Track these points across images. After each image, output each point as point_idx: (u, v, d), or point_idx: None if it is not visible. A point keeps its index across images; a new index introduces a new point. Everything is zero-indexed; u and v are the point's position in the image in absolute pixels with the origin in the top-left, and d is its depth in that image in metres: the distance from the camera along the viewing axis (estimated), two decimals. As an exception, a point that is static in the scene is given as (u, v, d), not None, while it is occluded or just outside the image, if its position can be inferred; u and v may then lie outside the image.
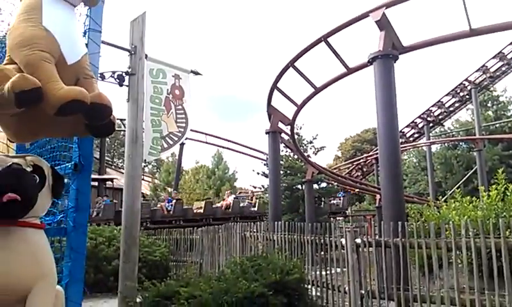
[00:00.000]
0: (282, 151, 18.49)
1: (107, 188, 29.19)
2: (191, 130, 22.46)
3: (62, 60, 2.43)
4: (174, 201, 17.63)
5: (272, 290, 4.23)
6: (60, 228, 2.76)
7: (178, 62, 6.54)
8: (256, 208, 18.10)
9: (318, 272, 6.39)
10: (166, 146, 6.12)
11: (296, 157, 17.33)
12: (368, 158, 26.30)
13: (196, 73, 6.66)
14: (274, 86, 10.71)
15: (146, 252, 10.34)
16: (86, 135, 2.57)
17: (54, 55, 2.38)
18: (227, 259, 8.77)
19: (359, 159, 28.68)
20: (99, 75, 5.93)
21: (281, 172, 18.61)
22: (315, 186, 18.43)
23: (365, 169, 28.12)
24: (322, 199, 18.42)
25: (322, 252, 6.43)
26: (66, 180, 2.61)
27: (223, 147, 24.15)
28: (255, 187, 20.08)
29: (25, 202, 2.15)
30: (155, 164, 50.24)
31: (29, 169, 2.32)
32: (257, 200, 18.94)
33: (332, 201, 20.00)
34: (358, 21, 7.97)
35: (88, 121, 2.38)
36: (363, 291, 5.54)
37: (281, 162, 18.47)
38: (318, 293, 6.35)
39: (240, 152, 23.02)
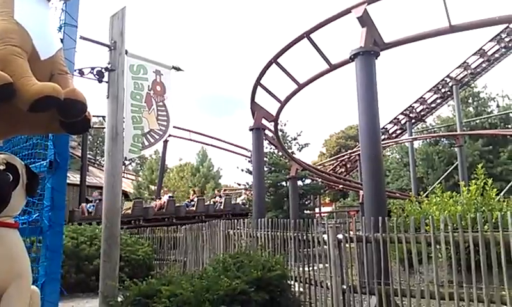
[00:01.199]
0: (266, 148, 18.52)
1: (89, 186, 28.81)
2: (175, 127, 22.36)
3: (35, 55, 2.37)
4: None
5: (254, 286, 4.23)
6: (36, 227, 2.70)
7: (160, 59, 6.46)
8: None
9: (301, 268, 6.42)
10: (147, 143, 6.04)
11: (280, 153, 17.35)
12: (352, 154, 26.52)
13: (178, 69, 6.59)
14: (258, 83, 10.68)
15: (128, 251, 10.25)
16: (60, 132, 2.51)
17: (27, 50, 2.32)
18: (211, 257, 8.75)
19: (343, 155, 28.92)
20: (77, 71, 5.83)
21: (266, 169, 18.65)
22: (300, 183, 18.51)
23: (348, 166, 28.36)
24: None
25: (306, 249, 6.47)
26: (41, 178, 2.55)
27: (207, 144, 24.01)
28: (239, 185, 20.04)
29: (-1, 201, 2.11)
30: (139, 161, 49.77)
31: (1, 168, 2.26)
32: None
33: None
34: (340, 17, 7.99)
35: (62, 118, 2.33)
36: (344, 286, 5.58)
37: (265, 159, 18.52)
38: (301, 289, 6.39)
39: (224, 149, 22.92)
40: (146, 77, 6.17)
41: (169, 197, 17.72)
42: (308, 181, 19.48)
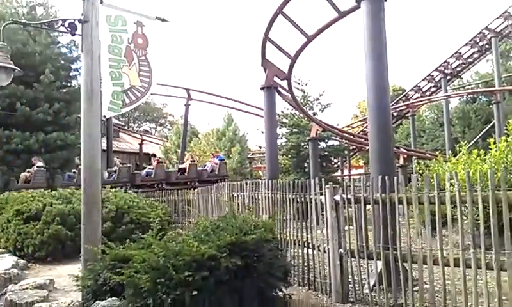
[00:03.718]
0: (288, 109, 17.89)
1: (118, 151, 29.34)
2: (195, 90, 22.05)
3: None
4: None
5: (226, 251, 3.82)
6: None
7: (143, 9, 5.94)
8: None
9: (299, 231, 5.99)
10: (128, 101, 5.63)
11: (301, 115, 16.67)
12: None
13: (163, 20, 6.05)
14: (266, 37, 9.99)
15: (139, 214, 10.13)
16: None
17: None
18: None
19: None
20: (47, 24, 5.45)
21: (287, 130, 18.10)
22: (323, 144, 17.85)
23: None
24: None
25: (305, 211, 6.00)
26: None
27: (228, 107, 23.61)
28: (260, 147, 19.58)
29: None
30: (170, 127, 50.32)
31: None
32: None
33: (204, 167, 17.81)
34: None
35: None
36: (342, 250, 5.10)
37: (285, 120, 17.91)
38: (300, 253, 5.98)
39: (246, 112, 22.42)
40: (125, 29, 5.69)
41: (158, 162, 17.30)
42: (332, 142, 18.76)
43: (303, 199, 5.90)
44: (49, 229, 8.74)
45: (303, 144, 16.85)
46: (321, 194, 5.50)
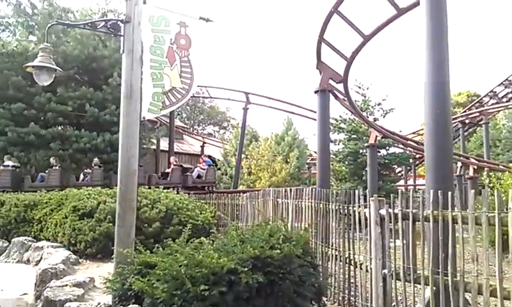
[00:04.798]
0: (347, 114, 17.20)
1: (181, 153, 30.21)
2: (253, 93, 22.02)
3: None
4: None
5: (249, 266, 3.52)
6: None
7: (187, 10, 5.85)
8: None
9: (341, 246, 5.53)
10: (168, 103, 5.55)
11: (357, 120, 15.92)
12: (453, 121, 23.53)
13: (207, 20, 5.92)
14: (321, 38, 9.57)
15: (188, 215, 10.15)
16: None
17: None
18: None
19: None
20: (90, 24, 5.52)
21: (345, 136, 17.40)
22: (384, 152, 16.93)
23: (448, 134, 25.20)
24: None
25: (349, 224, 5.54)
26: None
27: (287, 111, 23.30)
28: (315, 153, 19.03)
29: None
30: (231, 130, 51.04)
31: None
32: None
33: (192, 172, 17.10)
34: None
35: None
36: (386, 271, 4.58)
37: (344, 125, 17.22)
38: (341, 270, 5.52)
39: (305, 116, 21.96)
40: (168, 30, 5.62)
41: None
42: (394, 150, 17.73)
43: (346, 210, 5.43)
44: (101, 226, 9.00)
45: (361, 151, 16.09)
46: (365, 206, 5.02)
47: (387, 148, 16.73)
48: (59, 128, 17.29)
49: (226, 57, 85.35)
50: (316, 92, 10.37)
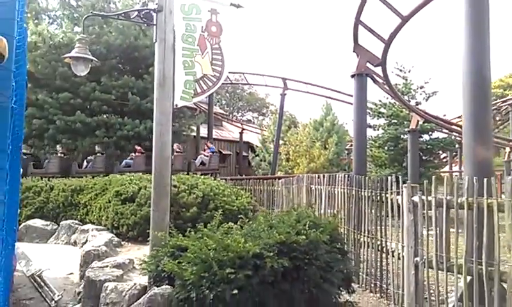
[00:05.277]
0: (387, 98, 16.72)
1: (220, 140, 30.63)
2: (290, 79, 21.82)
3: None
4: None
5: (274, 250, 3.57)
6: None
7: (218, -3, 5.85)
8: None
9: (373, 233, 5.46)
10: (199, 90, 5.64)
11: (397, 104, 15.41)
12: (502, 105, 22.28)
13: (238, 6, 5.93)
14: (358, 20, 9.31)
15: (224, 201, 10.35)
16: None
17: None
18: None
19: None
20: (123, 15, 5.68)
21: (385, 121, 16.94)
22: (426, 137, 16.36)
23: (497, 118, 23.94)
24: None
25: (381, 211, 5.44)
26: None
27: (325, 96, 22.92)
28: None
29: None
30: (270, 116, 51.02)
31: None
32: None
33: (197, 159, 16.61)
34: None
35: None
36: (418, 259, 4.49)
37: (383, 110, 16.76)
38: (373, 257, 5.45)
39: (344, 101, 21.53)
40: (199, 17, 5.68)
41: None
42: (438, 135, 17.07)
43: (378, 197, 5.34)
44: (141, 210, 9.35)
45: (402, 136, 15.61)
46: (398, 193, 4.91)
47: (430, 132, 16.13)
48: (104, 116, 17.98)
49: (264, 43, 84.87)
50: (353, 76, 10.13)
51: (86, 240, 8.71)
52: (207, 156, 17.20)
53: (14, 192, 4.65)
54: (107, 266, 5.86)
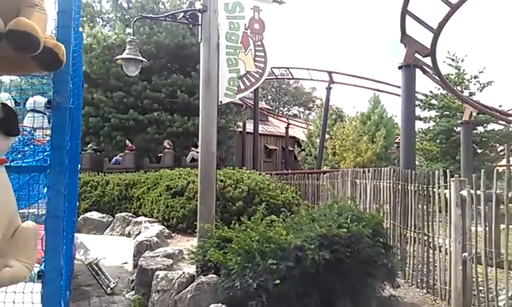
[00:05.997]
0: (439, 89, 16.10)
1: (266, 135, 30.85)
2: (336, 72, 21.53)
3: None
4: None
5: (316, 243, 3.64)
6: (38, 166, 2.80)
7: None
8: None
9: (420, 228, 5.36)
10: (243, 87, 5.78)
11: (450, 95, 14.77)
12: None
13: (280, 2, 6.01)
14: (405, 10, 9.06)
15: (268, 195, 10.48)
16: (34, 69, 2.45)
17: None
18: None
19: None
20: (170, 16, 5.92)
21: (436, 113, 16.31)
22: (481, 129, 15.59)
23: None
24: None
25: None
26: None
27: (372, 89, 22.38)
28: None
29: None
30: (316, 111, 50.55)
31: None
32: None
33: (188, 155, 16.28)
34: None
35: (14, 51, 2.24)
36: (466, 255, 4.38)
37: (435, 101, 16.14)
38: (419, 251, 5.36)
39: (392, 93, 20.89)
40: (242, 15, 5.81)
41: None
42: (494, 127, 16.20)
43: (425, 191, 5.23)
44: (190, 204, 9.69)
45: (454, 128, 14.97)
46: (446, 187, 4.79)
47: (485, 124, 15.35)
48: (155, 113, 18.68)
49: (309, 37, 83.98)
50: (400, 67, 9.87)
51: (139, 232, 9.17)
52: (198, 152, 17.14)
53: (73, 186, 5.03)
54: (158, 256, 6.18)
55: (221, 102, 5.71)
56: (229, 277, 3.79)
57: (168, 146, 17.24)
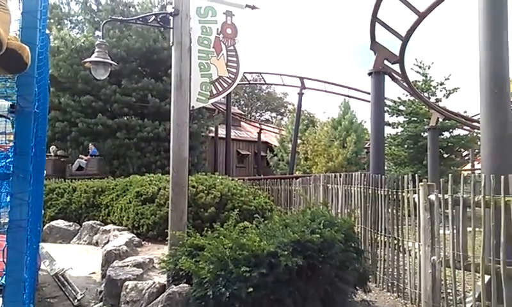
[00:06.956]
0: (406, 95, 16.51)
1: (239, 140, 30.78)
2: (308, 78, 21.78)
3: None
4: None
5: (288, 249, 3.61)
6: (0, 174, 2.66)
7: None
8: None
9: (389, 232, 5.44)
10: (215, 92, 5.73)
11: (417, 101, 15.20)
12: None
13: (253, 8, 5.99)
14: (375, 17, 9.27)
15: (241, 201, 10.43)
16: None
17: None
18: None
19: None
20: (141, 19, 5.81)
21: (405, 119, 16.73)
22: (447, 134, 16.09)
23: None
24: None
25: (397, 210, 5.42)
26: None
27: (343, 95, 22.76)
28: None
29: None
30: (289, 116, 50.96)
31: None
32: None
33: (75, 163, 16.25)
34: None
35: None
36: (435, 258, 4.46)
37: (403, 107, 16.55)
38: (390, 255, 5.43)
39: (362, 99, 21.32)
40: (215, 20, 5.77)
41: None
42: (459, 132, 16.75)
43: (395, 196, 5.32)
44: (161, 211, 9.51)
45: (422, 134, 15.40)
46: (414, 192, 4.89)
47: (451, 130, 15.86)
48: (125, 118, 18.29)
49: (281, 43, 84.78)
50: (370, 74, 10.10)
51: (108, 240, 8.92)
52: (86, 160, 16.60)
53: (38, 194, 4.82)
54: (127, 265, 6.01)
55: (193, 106, 5.63)
56: (201, 286, 3.71)
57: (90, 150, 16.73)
